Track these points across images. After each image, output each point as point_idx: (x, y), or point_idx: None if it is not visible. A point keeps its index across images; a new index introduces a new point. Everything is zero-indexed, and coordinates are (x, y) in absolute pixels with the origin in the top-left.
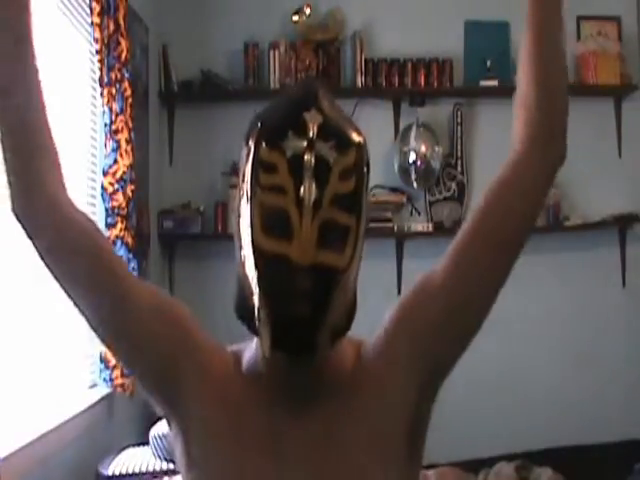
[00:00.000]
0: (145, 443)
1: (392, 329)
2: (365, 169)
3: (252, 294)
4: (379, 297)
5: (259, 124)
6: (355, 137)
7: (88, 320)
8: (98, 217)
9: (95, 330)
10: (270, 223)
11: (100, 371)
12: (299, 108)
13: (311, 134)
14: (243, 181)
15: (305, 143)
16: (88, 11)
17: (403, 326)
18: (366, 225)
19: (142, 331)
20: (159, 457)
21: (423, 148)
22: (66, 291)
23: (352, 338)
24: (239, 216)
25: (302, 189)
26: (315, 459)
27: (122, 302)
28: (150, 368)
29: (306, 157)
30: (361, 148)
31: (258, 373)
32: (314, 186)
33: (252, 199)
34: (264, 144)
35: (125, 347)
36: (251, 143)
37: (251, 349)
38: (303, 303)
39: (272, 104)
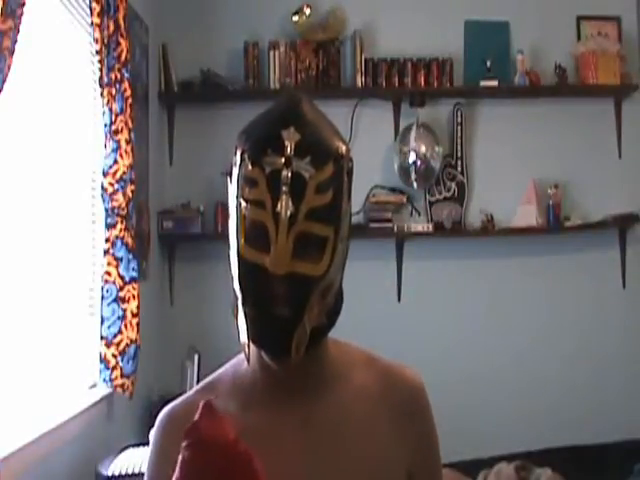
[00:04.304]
0: (145, 443)
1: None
2: (346, 177)
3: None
4: (379, 297)
5: (245, 137)
6: (334, 149)
7: None
8: (98, 217)
9: None
10: (251, 234)
11: (100, 371)
12: (278, 126)
13: (288, 151)
14: (231, 184)
15: (282, 160)
16: (88, 11)
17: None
18: (349, 230)
19: None
20: None
21: (423, 148)
22: None
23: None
24: (229, 218)
25: (279, 204)
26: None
27: None
28: None
29: (283, 173)
30: (340, 159)
31: (253, 381)
32: (290, 201)
33: (237, 210)
34: (247, 159)
35: None
36: (238, 154)
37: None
38: (280, 306)
39: (259, 117)
